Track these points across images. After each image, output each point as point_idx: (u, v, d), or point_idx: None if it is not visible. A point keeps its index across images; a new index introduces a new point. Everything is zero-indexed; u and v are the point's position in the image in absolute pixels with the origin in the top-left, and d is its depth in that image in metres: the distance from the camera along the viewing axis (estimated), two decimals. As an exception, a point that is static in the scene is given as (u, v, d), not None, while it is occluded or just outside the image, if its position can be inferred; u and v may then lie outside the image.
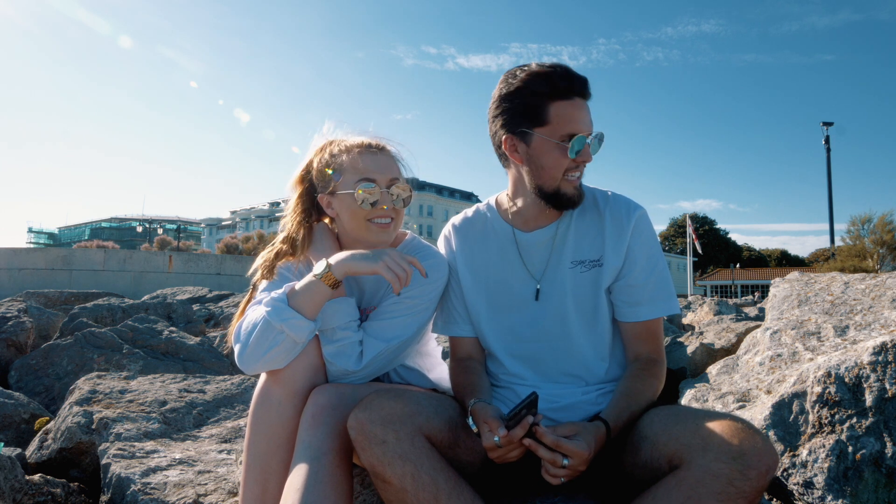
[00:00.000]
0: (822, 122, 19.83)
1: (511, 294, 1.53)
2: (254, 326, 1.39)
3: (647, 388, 1.39)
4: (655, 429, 1.22)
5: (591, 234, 1.49)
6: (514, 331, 1.53)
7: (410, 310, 1.51)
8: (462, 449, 1.32)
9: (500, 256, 1.56)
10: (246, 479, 1.38)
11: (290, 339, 1.38)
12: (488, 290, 1.56)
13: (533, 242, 1.52)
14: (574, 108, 1.37)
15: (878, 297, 2.13)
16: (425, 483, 1.17)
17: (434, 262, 1.57)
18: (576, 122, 1.37)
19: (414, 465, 1.17)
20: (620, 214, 1.48)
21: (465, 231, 1.63)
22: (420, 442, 1.20)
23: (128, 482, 1.67)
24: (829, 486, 1.42)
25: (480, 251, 1.59)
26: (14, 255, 13.73)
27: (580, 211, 1.51)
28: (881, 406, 1.45)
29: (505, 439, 1.18)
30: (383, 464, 1.17)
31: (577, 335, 1.48)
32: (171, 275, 14.62)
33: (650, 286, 1.46)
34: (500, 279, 1.55)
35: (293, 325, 1.37)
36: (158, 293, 8.42)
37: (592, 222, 1.50)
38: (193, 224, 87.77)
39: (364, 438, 1.19)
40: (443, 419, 1.29)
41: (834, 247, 18.72)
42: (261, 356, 1.37)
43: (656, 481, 1.15)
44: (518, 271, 1.53)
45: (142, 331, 3.78)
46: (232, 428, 2.17)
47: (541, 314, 1.50)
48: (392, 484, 1.17)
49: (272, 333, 1.36)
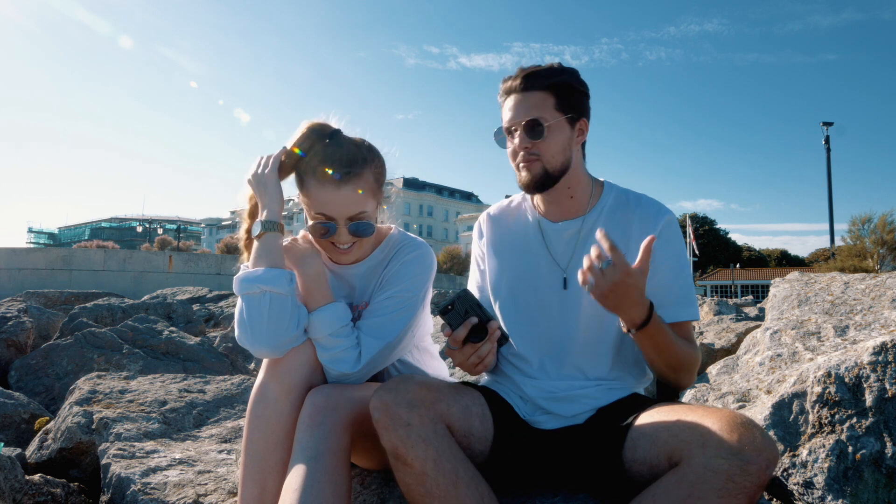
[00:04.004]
0: (822, 122, 19.82)
1: (536, 280, 1.55)
2: (240, 310, 1.42)
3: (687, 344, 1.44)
4: (655, 425, 1.22)
5: (619, 231, 1.50)
6: (535, 316, 1.54)
7: (403, 304, 1.52)
8: (474, 438, 1.34)
9: (527, 243, 1.59)
10: (244, 478, 1.38)
11: (275, 296, 1.38)
12: (513, 274, 1.58)
13: (559, 232, 1.55)
14: (506, 104, 1.49)
15: (878, 297, 2.13)
16: (446, 469, 1.19)
17: (420, 253, 1.58)
18: (505, 116, 1.49)
19: (436, 450, 1.19)
20: (650, 216, 1.50)
21: (497, 219, 1.68)
22: (441, 429, 1.23)
23: (128, 482, 1.67)
24: (829, 486, 1.42)
25: (510, 237, 1.63)
26: (14, 255, 13.74)
27: (611, 208, 1.54)
28: (881, 406, 1.45)
29: (451, 338, 1.29)
30: (406, 446, 1.18)
31: (593, 326, 1.49)
32: (171, 275, 14.63)
33: (675, 289, 1.48)
34: (527, 265, 1.57)
35: (265, 277, 1.39)
36: (158, 293, 8.42)
37: (621, 221, 1.52)
38: (193, 224, 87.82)
39: (388, 419, 1.20)
40: (460, 407, 1.33)
41: (834, 247, 18.72)
42: (264, 327, 1.38)
43: (656, 479, 1.15)
44: (544, 259, 1.56)
45: (142, 331, 3.78)
46: (232, 428, 2.17)
47: (566, 302, 1.51)
48: (413, 467, 1.18)
49: (256, 301, 1.39)
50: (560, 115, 1.45)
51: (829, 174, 19.31)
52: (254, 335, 1.39)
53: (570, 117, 1.47)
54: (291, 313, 1.40)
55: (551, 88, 1.45)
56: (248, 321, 1.39)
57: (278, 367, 1.41)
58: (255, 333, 1.38)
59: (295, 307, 1.42)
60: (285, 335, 1.39)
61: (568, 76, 1.48)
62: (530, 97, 1.45)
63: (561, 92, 1.46)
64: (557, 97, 1.46)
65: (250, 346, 1.40)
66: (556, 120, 1.44)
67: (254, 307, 1.39)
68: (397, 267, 1.56)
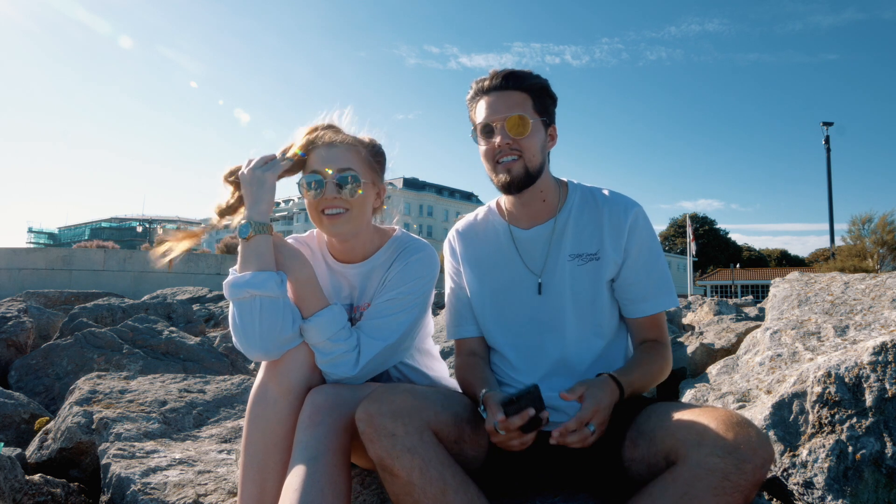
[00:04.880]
0: (822, 123, 19.82)
1: (514, 290, 1.57)
2: (233, 315, 1.42)
3: (655, 364, 1.47)
4: (652, 424, 1.23)
5: (590, 229, 1.54)
6: (517, 325, 1.56)
7: (405, 306, 1.52)
8: (467, 444, 1.33)
9: (500, 254, 1.60)
10: (244, 478, 1.38)
11: (265, 299, 1.38)
12: (492, 288, 1.60)
13: (531, 239, 1.57)
14: (483, 102, 1.50)
15: (878, 297, 2.13)
16: (433, 477, 1.18)
17: (423, 255, 1.58)
18: (483, 113, 1.49)
19: (422, 459, 1.18)
20: (618, 211, 1.53)
21: (467, 234, 1.68)
22: (428, 436, 1.21)
23: (128, 482, 1.67)
24: (829, 486, 1.42)
25: (483, 251, 1.63)
26: (14, 255, 13.74)
27: (579, 207, 1.56)
28: (881, 406, 1.45)
29: (503, 424, 1.21)
30: (392, 457, 1.17)
31: (573, 326, 1.51)
32: (171, 275, 14.63)
33: (651, 282, 1.52)
34: (503, 277, 1.59)
35: (254, 282, 1.38)
36: (158, 293, 8.42)
37: (591, 218, 1.55)
38: (193, 224, 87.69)
39: (373, 431, 1.19)
40: (449, 414, 1.31)
41: (834, 247, 18.71)
42: (257, 331, 1.37)
43: (655, 477, 1.16)
44: (518, 268, 1.57)
45: (142, 331, 3.78)
46: (232, 428, 2.17)
47: (543, 307, 1.54)
48: (400, 477, 1.17)
49: (247, 306, 1.38)
50: (538, 117, 1.48)
51: (829, 174, 19.31)
52: (248, 340, 1.38)
53: (545, 121, 1.51)
54: (284, 316, 1.39)
55: (529, 90, 1.48)
56: (240, 326, 1.39)
57: (277, 367, 1.41)
58: (248, 338, 1.38)
59: (287, 309, 1.41)
60: (279, 338, 1.39)
61: (543, 81, 1.52)
62: (511, 95, 1.47)
63: (538, 95, 1.49)
64: (535, 99, 1.49)
65: (245, 350, 1.40)
66: (536, 120, 1.47)
67: (245, 312, 1.39)
68: (400, 268, 1.55)
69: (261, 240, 1.44)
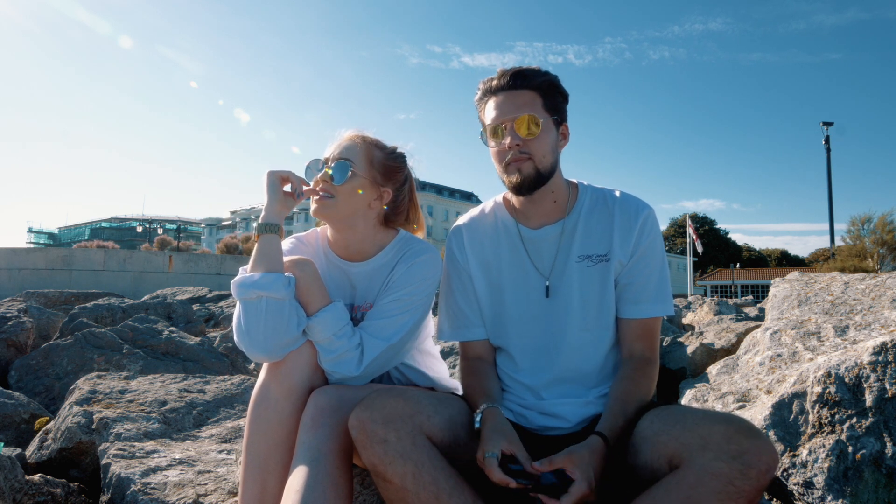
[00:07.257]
0: (822, 122, 19.82)
1: (521, 290, 1.55)
2: (238, 315, 1.42)
3: (640, 390, 1.41)
4: (655, 429, 1.22)
5: (600, 230, 1.51)
6: (523, 326, 1.54)
7: (408, 307, 1.52)
8: (462, 448, 1.32)
9: (508, 253, 1.57)
10: (245, 478, 1.38)
11: (271, 300, 1.38)
12: (499, 286, 1.57)
13: (540, 239, 1.54)
14: (492, 103, 1.47)
15: (878, 297, 2.13)
16: (426, 482, 1.17)
17: (427, 256, 1.57)
18: (492, 114, 1.46)
19: (415, 465, 1.17)
20: (630, 212, 1.51)
21: (474, 230, 1.64)
22: (421, 441, 1.20)
23: (128, 482, 1.67)
24: (829, 486, 1.42)
25: (490, 248, 1.60)
26: (14, 255, 13.74)
27: (589, 208, 1.54)
28: (881, 406, 1.45)
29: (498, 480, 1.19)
30: (384, 463, 1.17)
31: (580, 328, 1.49)
32: (171, 275, 14.63)
33: (653, 285, 1.49)
34: (511, 276, 1.56)
35: (261, 283, 1.39)
36: (158, 293, 8.42)
37: (601, 219, 1.53)
38: (193, 224, 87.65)
39: (365, 437, 1.19)
40: (443, 418, 1.30)
41: (834, 247, 18.71)
42: (261, 332, 1.37)
43: (657, 482, 1.15)
44: (526, 268, 1.55)
45: (142, 331, 3.78)
46: (232, 428, 2.17)
47: (550, 309, 1.51)
48: (393, 483, 1.17)
49: (253, 306, 1.39)
50: (548, 116, 1.45)
51: (829, 174, 19.31)
52: (251, 340, 1.38)
53: (556, 119, 1.47)
54: (289, 318, 1.40)
55: (539, 88, 1.45)
56: (245, 326, 1.39)
57: (279, 368, 1.41)
58: (252, 338, 1.38)
59: (292, 312, 1.41)
60: (282, 340, 1.39)
61: (553, 78, 1.48)
62: (520, 95, 1.44)
63: (547, 93, 1.46)
64: (544, 97, 1.45)
65: (247, 350, 1.40)
66: (546, 119, 1.44)
67: (251, 312, 1.39)
68: (405, 270, 1.55)
69: (269, 240, 1.46)
